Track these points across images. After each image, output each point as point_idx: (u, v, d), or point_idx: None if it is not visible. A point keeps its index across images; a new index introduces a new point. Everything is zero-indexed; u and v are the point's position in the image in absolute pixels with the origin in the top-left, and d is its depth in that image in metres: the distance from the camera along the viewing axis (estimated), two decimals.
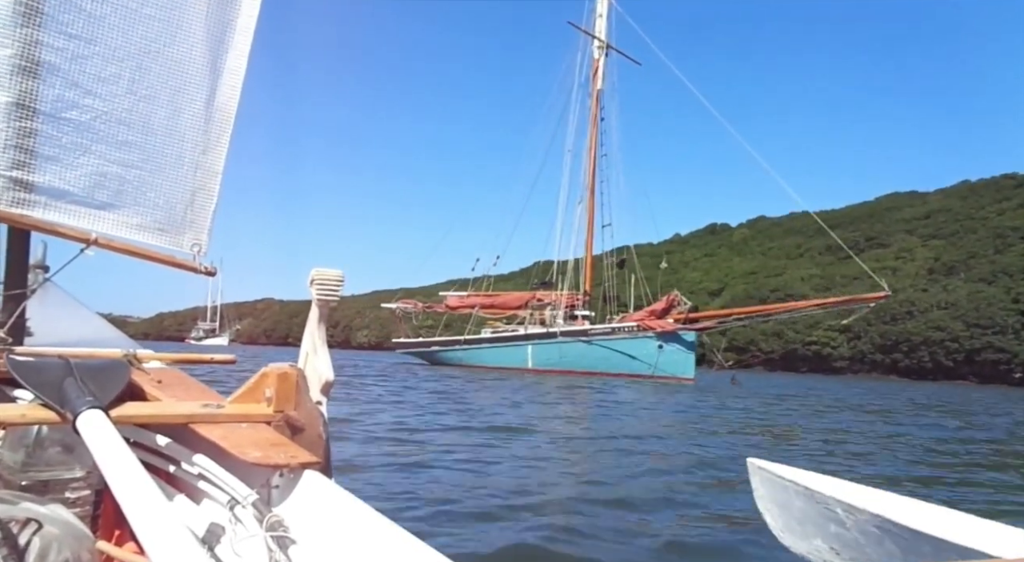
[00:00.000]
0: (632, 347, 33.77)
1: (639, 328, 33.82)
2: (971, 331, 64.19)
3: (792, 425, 12.17)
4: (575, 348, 35.39)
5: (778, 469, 2.14)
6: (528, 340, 37.61)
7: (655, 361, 32.68)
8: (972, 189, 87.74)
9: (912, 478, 6.62)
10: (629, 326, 34.46)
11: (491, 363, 37.62)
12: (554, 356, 35.81)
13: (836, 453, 8.34)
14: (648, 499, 4.95)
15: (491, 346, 39.26)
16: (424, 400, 13.17)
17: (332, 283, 1.60)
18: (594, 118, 41.21)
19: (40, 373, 1.34)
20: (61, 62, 1.84)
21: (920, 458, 8.30)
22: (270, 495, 1.26)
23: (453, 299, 43.42)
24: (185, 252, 2.16)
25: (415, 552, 1.02)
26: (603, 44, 41.13)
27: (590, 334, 35.67)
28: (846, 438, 10.26)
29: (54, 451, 1.47)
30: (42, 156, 1.86)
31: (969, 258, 74.27)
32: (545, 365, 35.69)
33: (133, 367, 1.65)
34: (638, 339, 33.63)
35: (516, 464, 6.25)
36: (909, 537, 1.63)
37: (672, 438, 9.09)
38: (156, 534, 0.90)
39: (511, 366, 36.55)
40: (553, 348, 36.18)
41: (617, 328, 34.94)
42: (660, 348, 32.88)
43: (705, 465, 6.72)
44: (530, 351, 37.13)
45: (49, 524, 1.21)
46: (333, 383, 1.60)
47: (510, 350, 37.95)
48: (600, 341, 34.97)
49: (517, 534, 3.82)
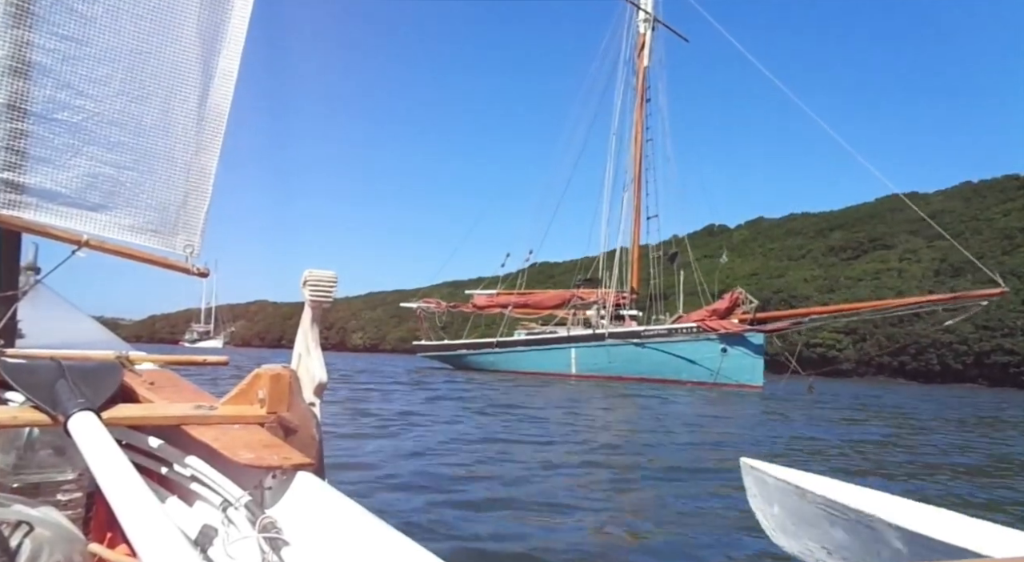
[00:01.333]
0: (692, 351, 30.60)
1: (700, 329, 30.49)
2: (980, 333, 64.20)
3: (920, 448, 9.37)
4: (625, 352, 32.22)
5: (771, 469, 2.17)
6: (571, 343, 34.28)
7: (718, 366, 29.63)
8: (975, 190, 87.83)
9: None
10: (688, 327, 31.06)
11: (528, 368, 34.45)
12: (601, 360, 32.67)
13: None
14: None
15: (529, 349, 35.98)
16: (495, 416, 11.45)
17: (325, 284, 1.63)
18: (640, 99, 37.42)
19: (31, 375, 1.35)
20: (52, 63, 1.86)
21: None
22: (263, 497, 1.27)
23: (481, 298, 40.04)
24: (178, 253, 2.18)
25: (408, 553, 1.03)
26: (650, 17, 37.36)
27: (643, 336, 32.21)
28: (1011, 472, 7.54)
29: (45, 453, 1.48)
30: (33, 157, 1.87)
31: (978, 259, 74.50)
32: (591, 370, 32.65)
33: (125, 369, 1.66)
34: (699, 342, 30.41)
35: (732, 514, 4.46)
36: (901, 537, 1.66)
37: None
38: (148, 536, 0.91)
39: (551, 371, 33.47)
40: (600, 352, 32.92)
41: (674, 330, 31.52)
42: (724, 352, 29.73)
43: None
44: (574, 355, 33.97)
45: (40, 526, 1.22)
46: (326, 384, 1.62)
47: (551, 353, 34.82)
48: (654, 344, 31.63)
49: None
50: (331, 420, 8.38)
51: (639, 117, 37.54)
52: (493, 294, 39.81)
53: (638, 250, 37.47)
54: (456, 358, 38.56)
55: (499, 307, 38.54)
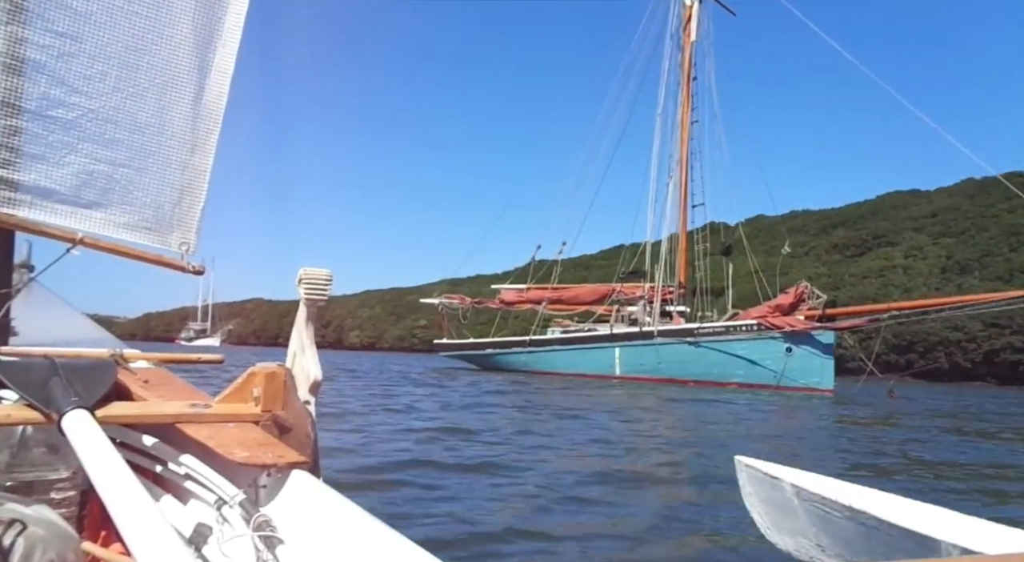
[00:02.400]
0: (752, 350, 27.91)
1: (761, 327, 27.72)
2: (989, 331, 64.10)
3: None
4: (677, 351, 29.46)
5: (765, 467, 2.19)
6: (615, 341, 31.38)
7: (782, 367, 26.96)
8: (979, 187, 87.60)
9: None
10: (748, 324, 28.32)
11: (565, 369, 31.83)
12: (649, 361, 29.94)
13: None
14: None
15: (566, 348, 33.08)
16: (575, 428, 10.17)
17: (320, 282, 1.64)
18: (686, 77, 34.18)
19: (25, 373, 1.36)
20: (47, 60, 1.87)
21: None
22: (258, 495, 1.29)
23: (509, 293, 36.69)
24: (173, 251, 2.20)
25: (403, 551, 1.04)
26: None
27: (697, 334, 29.36)
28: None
29: (39, 451, 1.49)
30: (28, 155, 1.89)
31: (983, 257, 74.27)
32: (637, 371, 30.03)
33: (119, 367, 1.68)
34: (762, 340, 27.67)
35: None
36: (894, 533, 1.68)
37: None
38: (142, 534, 0.92)
39: (591, 372, 30.87)
40: (648, 351, 30.16)
41: (733, 327, 28.79)
42: (788, 352, 27.04)
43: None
44: (618, 354, 31.10)
45: (34, 525, 1.22)
46: (321, 382, 1.63)
47: (592, 353, 31.87)
48: (710, 343, 28.90)
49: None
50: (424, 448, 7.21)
51: (686, 96, 34.23)
52: (522, 289, 36.58)
53: (685, 241, 34.36)
54: (482, 358, 36.00)
55: (530, 303, 35.57)
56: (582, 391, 20.48)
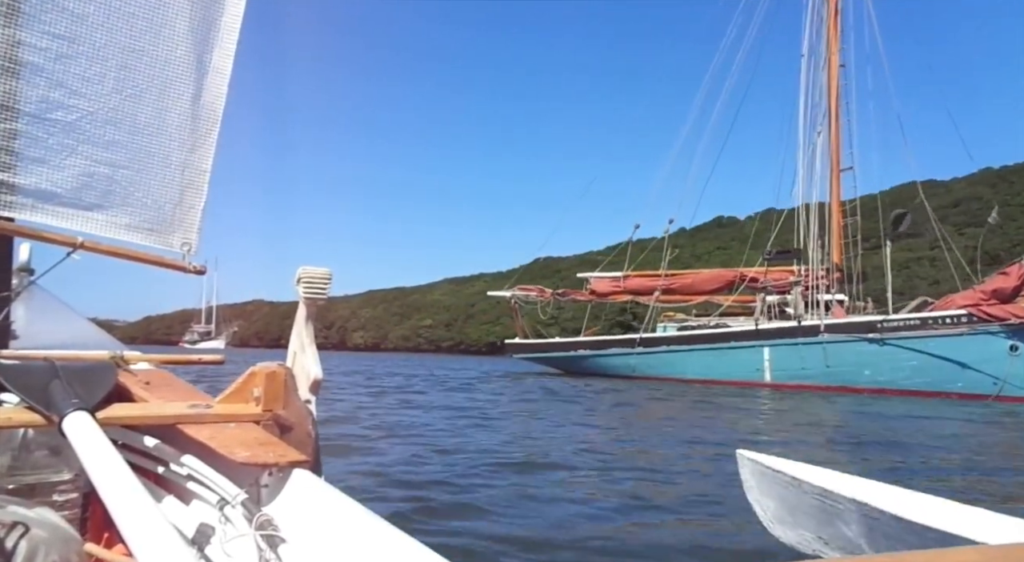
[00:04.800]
0: (961, 349, 21.35)
1: (974, 318, 21.24)
2: None
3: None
4: (853, 351, 23.26)
5: (767, 460, 2.21)
6: (762, 339, 25.34)
7: (1005, 372, 20.59)
8: (1000, 176, 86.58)
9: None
10: (953, 315, 21.66)
11: (691, 374, 26.08)
12: (814, 363, 23.92)
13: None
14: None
15: (693, 348, 26.79)
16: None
17: (319, 281, 1.67)
18: (834, 14, 27.22)
19: (25, 375, 1.38)
20: (44, 62, 1.90)
21: None
22: (259, 494, 1.31)
23: (603, 283, 30.09)
24: (175, 252, 2.23)
25: (406, 549, 1.05)
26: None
27: (882, 328, 22.80)
28: None
29: (41, 454, 1.52)
30: (27, 158, 1.92)
31: (1013, 246, 73.38)
32: (795, 377, 24.12)
33: (120, 368, 1.71)
34: (975, 336, 21.22)
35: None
36: (896, 525, 1.69)
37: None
38: (144, 536, 0.93)
39: (730, 378, 25.26)
40: (812, 351, 24.02)
41: (932, 320, 22.13)
42: (1013, 351, 20.75)
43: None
44: (767, 355, 25.15)
45: (36, 527, 1.25)
46: (321, 382, 1.66)
47: (731, 354, 25.80)
48: (898, 340, 22.42)
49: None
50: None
51: (834, 34, 27.26)
52: (618, 277, 29.92)
53: (840, 215, 27.77)
54: (571, 360, 30.12)
55: (630, 293, 29.60)
56: (731, 402, 16.48)
